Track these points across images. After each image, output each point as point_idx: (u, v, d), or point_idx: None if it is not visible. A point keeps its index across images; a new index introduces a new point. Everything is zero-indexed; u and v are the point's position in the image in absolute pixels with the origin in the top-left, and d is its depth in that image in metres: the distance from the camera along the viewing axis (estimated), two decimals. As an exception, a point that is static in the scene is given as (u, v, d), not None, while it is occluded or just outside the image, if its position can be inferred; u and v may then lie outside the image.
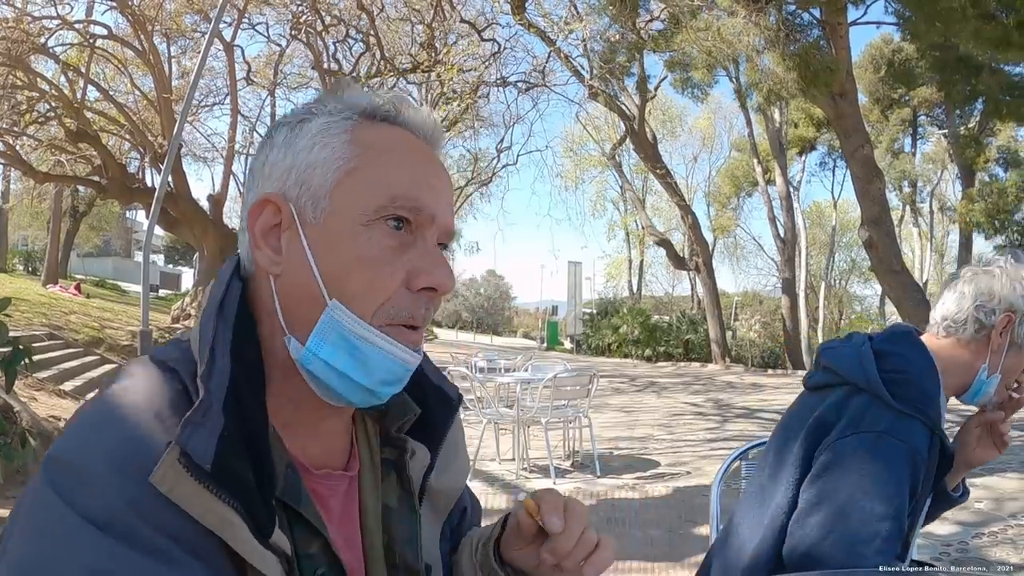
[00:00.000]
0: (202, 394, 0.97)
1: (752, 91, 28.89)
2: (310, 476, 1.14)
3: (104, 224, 55.07)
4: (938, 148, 43.84)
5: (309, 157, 1.11)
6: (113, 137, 25.86)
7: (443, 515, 1.36)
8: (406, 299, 1.11)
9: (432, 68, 22.82)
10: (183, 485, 0.91)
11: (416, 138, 1.19)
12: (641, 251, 63.80)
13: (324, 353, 1.07)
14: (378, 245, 1.09)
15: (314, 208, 1.09)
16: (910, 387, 2.10)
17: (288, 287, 1.10)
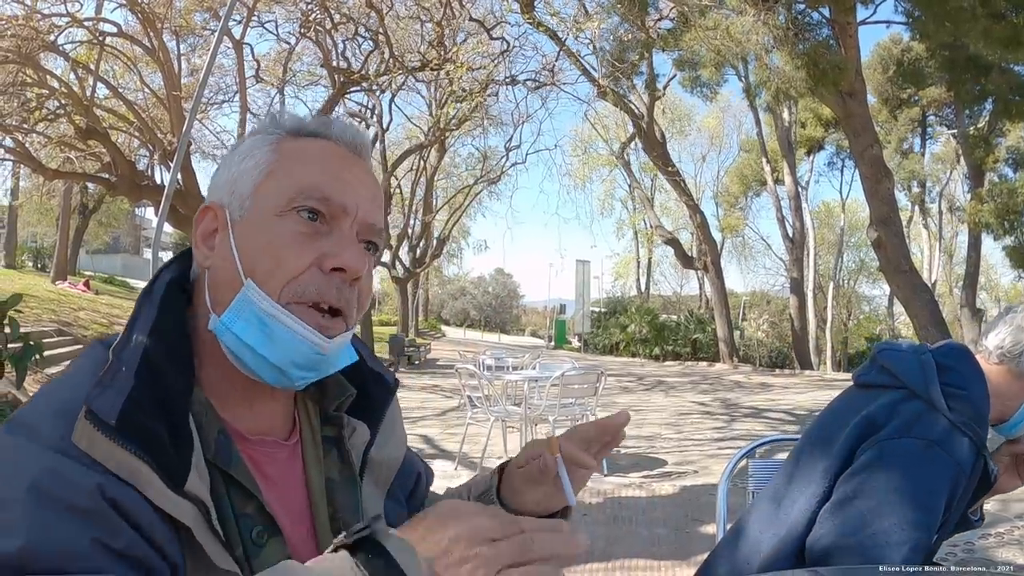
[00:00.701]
0: (110, 360, 1.13)
1: (761, 90, 28.88)
2: (245, 443, 1.25)
3: (113, 221, 55.12)
4: (947, 148, 43.75)
5: (240, 167, 1.28)
6: (122, 134, 25.81)
7: (386, 485, 1.45)
8: (316, 279, 1.22)
9: (441, 66, 22.77)
10: (96, 441, 1.03)
11: (336, 145, 1.33)
12: (649, 250, 63.73)
13: (237, 328, 1.19)
14: (289, 231, 1.22)
15: (240, 208, 1.25)
16: (967, 404, 2.12)
17: (215, 275, 1.24)
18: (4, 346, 5.31)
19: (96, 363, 1.15)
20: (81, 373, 1.14)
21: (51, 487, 0.99)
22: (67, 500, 0.99)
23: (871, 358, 2.42)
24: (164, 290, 1.24)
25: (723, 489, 3.01)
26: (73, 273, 40.43)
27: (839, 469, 2.17)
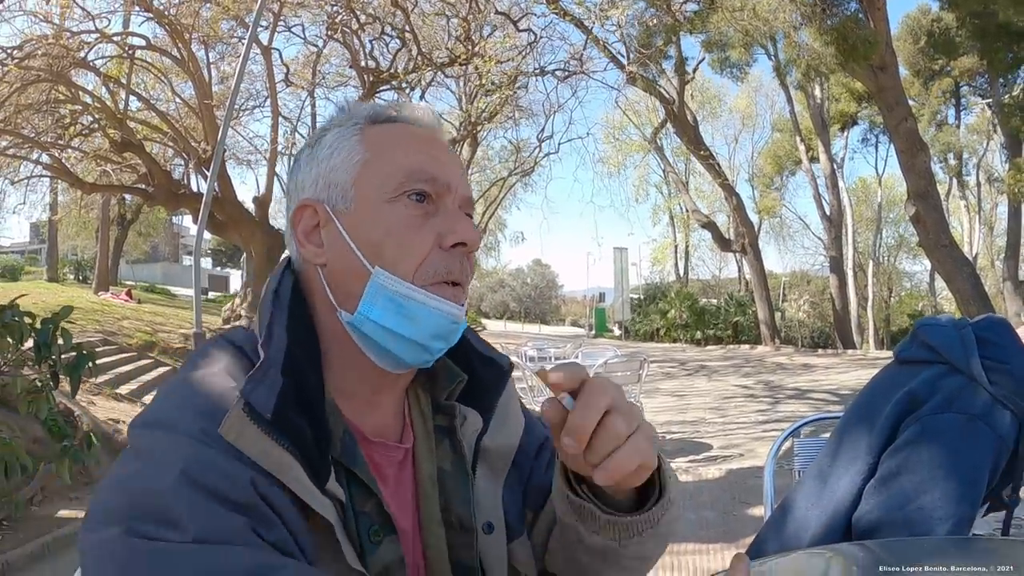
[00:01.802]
0: (263, 356, 1.14)
1: (791, 68, 28.72)
2: (367, 444, 1.27)
3: (151, 230, 55.53)
4: (982, 118, 43.23)
5: (330, 162, 1.28)
6: (157, 145, 26.04)
7: (502, 474, 1.41)
8: (441, 257, 1.23)
9: (469, 61, 22.81)
10: (247, 432, 1.06)
11: (418, 128, 1.35)
12: (686, 234, 63.41)
13: (374, 315, 1.20)
14: (404, 215, 1.23)
15: (343, 200, 1.26)
16: (1008, 377, 2.10)
17: (334, 270, 1.25)
18: (58, 356, 5.39)
19: (230, 359, 1.20)
20: (213, 369, 1.17)
21: (203, 476, 1.01)
22: (222, 491, 1.01)
23: (912, 334, 2.40)
24: (291, 293, 1.25)
25: (769, 471, 3.01)
26: (115, 283, 40.83)
27: (883, 445, 2.16)
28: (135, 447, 1.09)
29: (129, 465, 1.06)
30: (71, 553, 6.15)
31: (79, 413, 8.25)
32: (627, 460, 1.05)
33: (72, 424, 7.59)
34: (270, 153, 26.25)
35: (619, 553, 1.25)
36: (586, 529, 1.24)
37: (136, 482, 1.02)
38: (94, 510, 1.03)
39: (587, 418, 1.04)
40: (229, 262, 76.55)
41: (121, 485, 1.04)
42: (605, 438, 1.05)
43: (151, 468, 1.02)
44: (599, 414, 1.05)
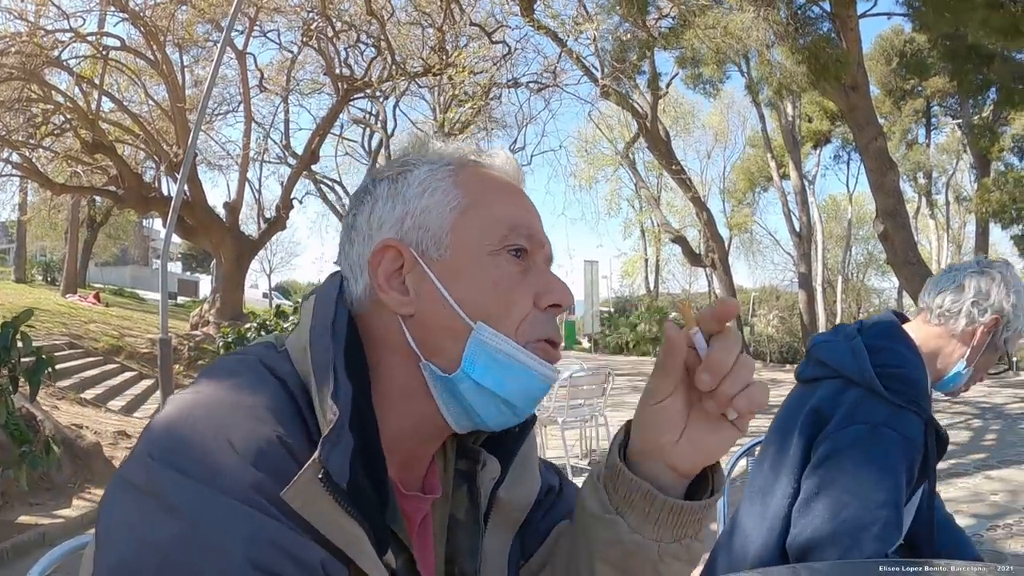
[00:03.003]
0: (336, 412, 0.99)
1: (763, 85, 28.88)
2: (401, 496, 1.17)
3: (121, 233, 55.23)
4: (952, 138, 43.62)
5: (421, 203, 1.18)
6: (128, 147, 25.96)
7: (515, 527, 1.34)
8: (539, 318, 1.16)
9: (443, 71, 22.86)
10: (319, 502, 0.94)
11: (500, 172, 1.27)
12: (657, 249, 63.50)
13: (476, 374, 1.11)
14: (507, 270, 1.15)
15: (437, 247, 1.16)
16: (903, 381, 2.20)
17: (423, 321, 1.14)
18: (17, 360, 5.37)
19: (272, 395, 1.03)
20: (252, 401, 1.01)
21: (273, 564, 0.90)
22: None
23: (807, 352, 2.53)
24: (347, 335, 1.11)
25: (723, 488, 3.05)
26: (83, 286, 40.56)
27: (801, 465, 2.27)
28: (167, 499, 0.91)
29: (166, 526, 0.89)
30: (30, 559, 6.10)
31: (42, 418, 8.19)
32: (749, 400, 1.05)
33: (34, 429, 7.54)
34: (242, 158, 26.28)
35: (650, 561, 1.14)
36: (629, 524, 1.14)
37: (187, 556, 0.88)
38: (118, 568, 0.90)
39: (729, 356, 1.04)
40: (199, 267, 76.17)
41: (166, 555, 0.88)
42: (736, 380, 1.04)
43: (205, 544, 0.88)
44: (735, 355, 1.05)
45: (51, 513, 6.99)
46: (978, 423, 12.81)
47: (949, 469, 9.03)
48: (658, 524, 1.13)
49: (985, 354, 2.38)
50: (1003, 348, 2.38)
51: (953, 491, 8.00)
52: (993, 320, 2.35)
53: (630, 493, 1.14)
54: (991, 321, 2.36)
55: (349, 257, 1.22)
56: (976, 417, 13.51)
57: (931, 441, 2.21)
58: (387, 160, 1.22)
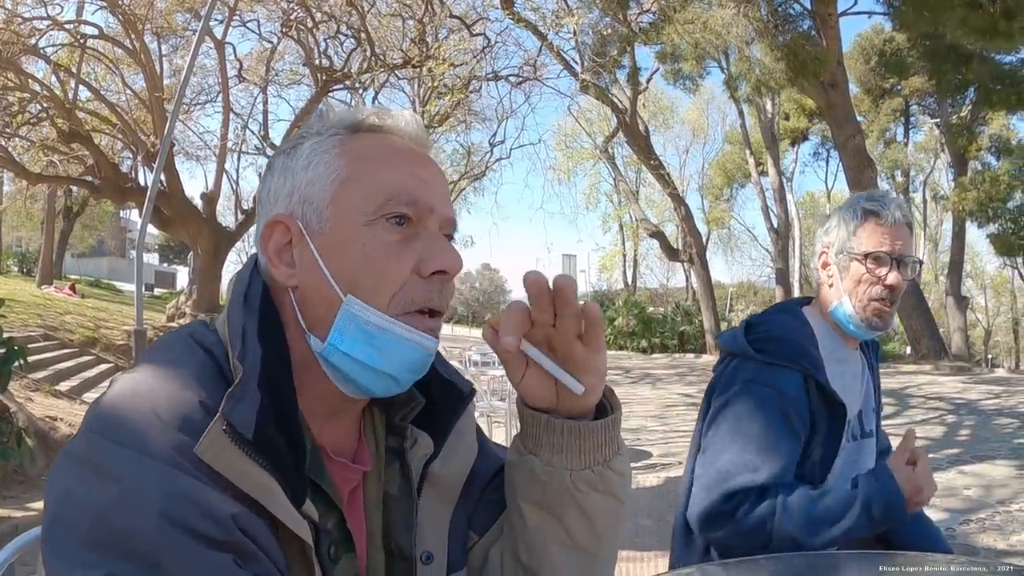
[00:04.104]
0: (241, 372, 1.05)
1: (741, 82, 28.97)
2: (329, 461, 1.21)
3: (98, 224, 55.02)
4: (930, 137, 43.89)
5: (306, 176, 1.19)
6: (105, 137, 25.77)
7: (451, 503, 1.35)
8: (419, 286, 1.17)
9: (423, 63, 22.80)
10: (227, 454, 0.99)
11: (402, 140, 1.26)
12: (635, 243, 63.73)
13: (345, 346, 1.14)
14: (383, 240, 1.15)
15: (319, 219, 1.17)
16: (777, 343, 2.38)
17: (305, 293, 1.17)
18: (-12, 351, 5.33)
19: (199, 364, 1.10)
20: (181, 373, 1.08)
21: (184, 515, 0.94)
22: (204, 530, 0.95)
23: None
24: (261, 300, 1.16)
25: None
26: (59, 277, 40.36)
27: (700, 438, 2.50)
28: (100, 464, 0.98)
29: (99, 490, 0.96)
30: (1, 552, 6.06)
31: (15, 409, 8.13)
32: (592, 310, 1.14)
33: (7, 420, 7.48)
34: (220, 149, 26.13)
35: (566, 491, 1.21)
36: (541, 459, 1.22)
37: (114, 517, 0.94)
38: (62, 533, 0.97)
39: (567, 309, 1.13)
40: (176, 258, 75.72)
41: (96, 515, 0.95)
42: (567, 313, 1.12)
43: (129, 501, 0.94)
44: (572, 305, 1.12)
45: (24, 506, 6.93)
46: (952, 419, 12.88)
47: (923, 464, 9.08)
48: (565, 451, 1.21)
49: (846, 279, 2.47)
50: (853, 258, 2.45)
51: (927, 486, 8.04)
52: (822, 260, 2.55)
53: (535, 429, 1.23)
54: (821, 261, 2.55)
55: (256, 228, 1.25)
56: (951, 413, 13.58)
57: (813, 395, 2.33)
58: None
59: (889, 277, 2.39)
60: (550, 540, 1.26)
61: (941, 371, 22.85)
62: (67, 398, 11.29)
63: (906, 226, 2.47)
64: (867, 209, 2.47)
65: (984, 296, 60.32)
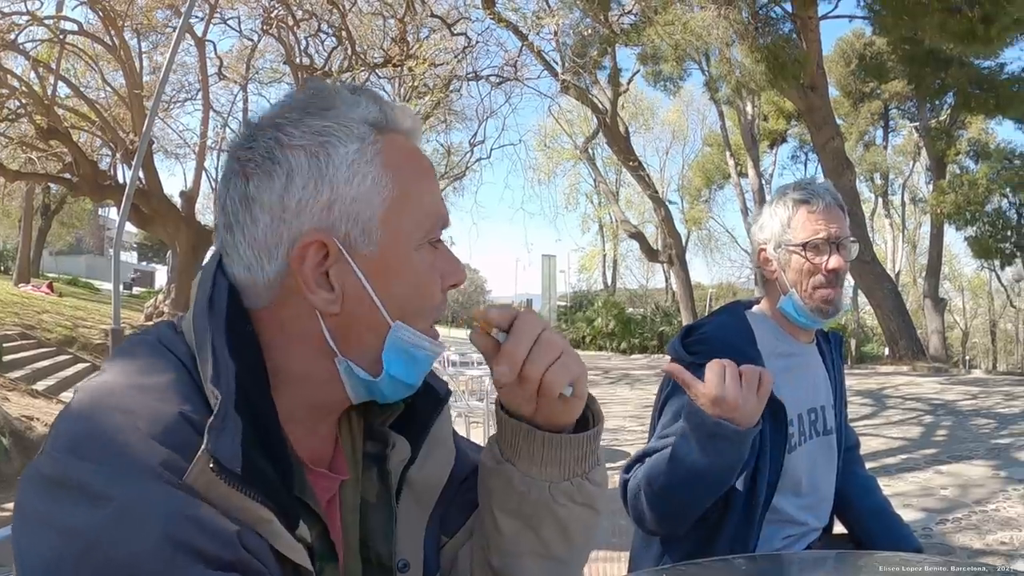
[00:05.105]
0: (219, 398, 0.96)
1: (722, 83, 29.05)
2: (309, 472, 1.15)
3: (76, 221, 54.66)
4: (909, 141, 44.07)
5: (352, 191, 1.09)
6: (84, 134, 25.72)
7: (428, 508, 1.32)
8: (441, 301, 1.18)
9: (404, 63, 22.79)
10: (217, 489, 0.93)
11: (415, 143, 1.21)
12: (615, 244, 63.88)
13: (393, 370, 1.12)
14: (427, 264, 1.14)
15: (366, 241, 1.09)
16: (707, 344, 2.39)
17: (345, 319, 1.10)
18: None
19: (174, 376, 1.01)
20: (155, 381, 1.00)
21: (189, 536, 0.88)
22: (210, 551, 0.89)
23: None
24: (228, 309, 1.07)
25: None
26: (37, 275, 40.12)
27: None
28: (83, 485, 0.89)
29: (85, 514, 0.87)
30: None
31: (-9, 407, 8.09)
32: (560, 376, 1.12)
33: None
34: (199, 147, 26.07)
35: (544, 503, 1.21)
36: (519, 469, 1.21)
37: (110, 543, 0.86)
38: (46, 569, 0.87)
39: (520, 344, 1.12)
40: (155, 257, 75.41)
41: (88, 543, 0.86)
42: (537, 362, 1.11)
43: (125, 525, 0.86)
44: (531, 341, 1.12)
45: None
46: (930, 419, 12.93)
47: (900, 464, 9.10)
48: (544, 463, 1.21)
49: (788, 270, 2.49)
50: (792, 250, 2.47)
51: (904, 485, 8.06)
52: (762, 258, 2.56)
53: (514, 437, 1.21)
54: (762, 258, 2.56)
55: (249, 234, 1.10)
56: (928, 413, 13.63)
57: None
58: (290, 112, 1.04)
59: (831, 262, 2.41)
60: (525, 551, 1.26)
61: (919, 372, 22.92)
62: (44, 397, 11.24)
63: (837, 208, 2.49)
64: (796, 199, 2.48)
65: (962, 298, 60.68)
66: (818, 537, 2.56)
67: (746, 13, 21.94)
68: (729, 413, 1.93)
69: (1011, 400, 15.26)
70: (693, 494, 2.12)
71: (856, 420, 12.77)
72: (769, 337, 2.50)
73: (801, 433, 2.47)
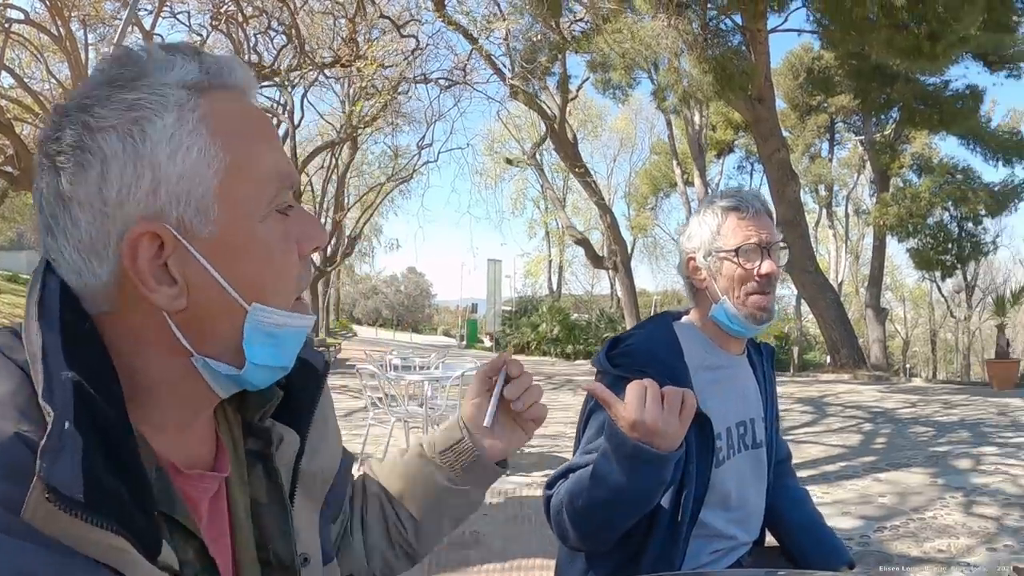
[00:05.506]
0: (52, 416, 0.82)
1: (669, 92, 29.23)
2: (180, 477, 1.04)
3: (17, 216, 53.73)
4: (854, 153, 44.56)
5: (177, 168, 0.96)
6: (27, 126, 25.38)
7: (320, 500, 1.28)
8: (300, 270, 1.08)
9: (353, 63, 22.72)
10: (58, 521, 0.79)
11: (247, 101, 1.08)
12: (560, 250, 64.14)
13: (258, 358, 1.02)
14: (279, 235, 1.03)
15: (203, 222, 0.97)
16: (631, 356, 2.38)
17: (195, 312, 0.99)
18: None
19: (10, 382, 0.88)
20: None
21: None
22: None
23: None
24: (60, 311, 0.94)
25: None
26: (-26, 270, 39.58)
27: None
28: None
29: None
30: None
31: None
32: (539, 412, 1.56)
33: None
34: (145, 142, 25.81)
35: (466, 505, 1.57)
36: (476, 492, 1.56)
37: None
38: None
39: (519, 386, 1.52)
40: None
41: None
42: (527, 399, 1.52)
43: None
44: (525, 386, 1.53)
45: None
46: (869, 427, 13.06)
47: (839, 472, 9.20)
48: (484, 489, 1.58)
49: (719, 278, 2.47)
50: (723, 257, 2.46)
51: (842, 493, 8.14)
52: (692, 266, 2.57)
53: (485, 474, 1.55)
54: (691, 267, 2.57)
55: (73, 236, 0.97)
56: (868, 421, 13.78)
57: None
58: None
59: (763, 267, 2.40)
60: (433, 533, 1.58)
61: (860, 380, 23.17)
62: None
63: (766, 214, 2.49)
64: (725, 206, 2.47)
65: (903, 308, 61.51)
66: (748, 551, 2.55)
67: (696, 24, 22.10)
68: (648, 437, 1.87)
69: (949, 408, 15.49)
70: (615, 514, 2.08)
71: (796, 428, 12.89)
72: (697, 349, 2.47)
73: (730, 447, 2.45)
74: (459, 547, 6.12)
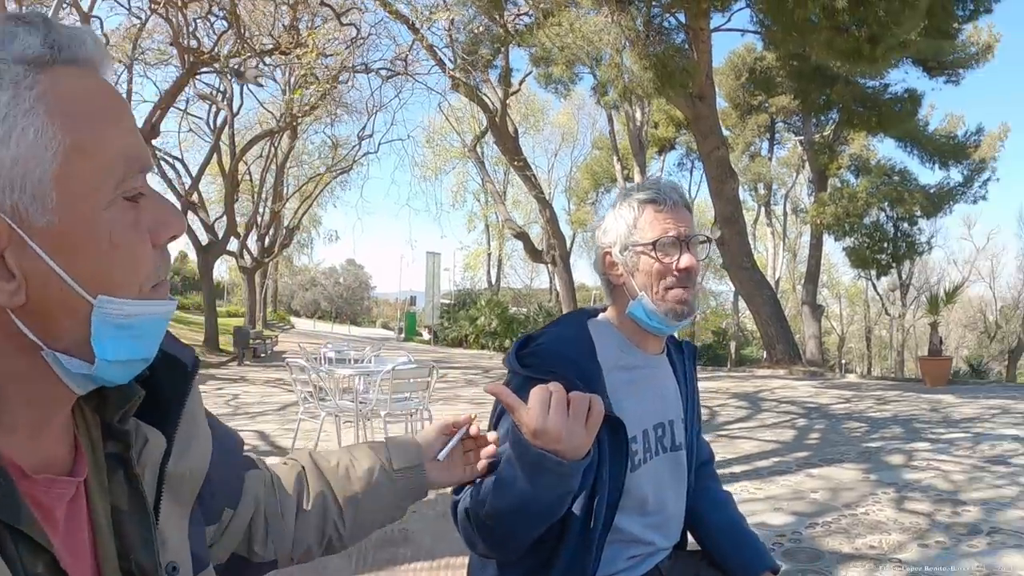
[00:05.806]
0: None
1: (610, 87, 29.31)
2: (28, 483, 0.94)
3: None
4: (793, 153, 45.23)
5: (11, 151, 0.87)
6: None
7: (189, 503, 1.19)
8: (156, 259, 0.98)
9: (293, 50, 22.51)
10: None
11: (98, 77, 0.97)
12: (500, 243, 64.26)
13: (110, 354, 0.93)
14: (126, 223, 0.93)
15: (41, 210, 0.88)
16: (538, 356, 2.26)
17: (36, 307, 0.90)
18: None
19: None
20: None
21: None
22: None
23: None
24: None
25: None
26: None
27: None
28: None
29: None
30: None
31: None
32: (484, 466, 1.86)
33: None
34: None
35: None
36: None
37: None
38: None
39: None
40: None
41: None
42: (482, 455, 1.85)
43: None
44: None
45: None
46: (803, 422, 13.15)
47: (772, 467, 9.23)
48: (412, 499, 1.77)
49: (637, 274, 2.38)
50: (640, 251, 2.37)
51: (775, 488, 8.15)
52: (608, 262, 2.45)
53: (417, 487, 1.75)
54: (607, 262, 2.46)
55: None
56: (802, 416, 13.87)
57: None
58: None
59: (682, 260, 2.31)
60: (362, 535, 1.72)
61: (795, 376, 23.40)
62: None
63: (684, 207, 2.41)
64: (642, 199, 2.38)
65: (839, 305, 62.51)
66: (668, 556, 2.46)
67: (639, 21, 22.17)
68: (552, 445, 1.77)
69: (883, 404, 15.68)
70: (521, 522, 1.97)
71: (731, 423, 12.95)
72: (612, 348, 2.38)
73: (646, 450, 2.35)
74: (388, 545, 6.09)
